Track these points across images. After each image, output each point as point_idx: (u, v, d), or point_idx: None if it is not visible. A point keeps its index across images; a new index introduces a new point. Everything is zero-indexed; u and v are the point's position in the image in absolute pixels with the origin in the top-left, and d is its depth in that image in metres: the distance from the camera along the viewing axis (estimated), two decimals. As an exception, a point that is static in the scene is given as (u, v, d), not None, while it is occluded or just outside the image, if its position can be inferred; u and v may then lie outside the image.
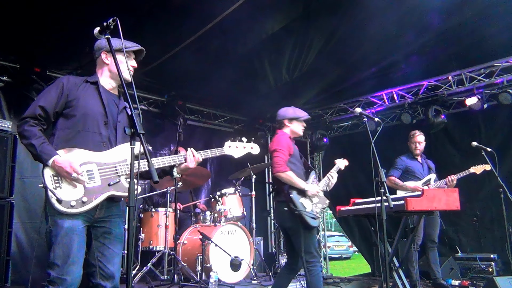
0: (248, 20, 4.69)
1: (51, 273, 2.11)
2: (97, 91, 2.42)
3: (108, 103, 2.42)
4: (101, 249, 2.29)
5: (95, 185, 2.24)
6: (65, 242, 2.14)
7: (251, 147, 2.75)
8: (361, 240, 7.90)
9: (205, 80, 6.18)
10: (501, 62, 5.77)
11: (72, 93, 2.33)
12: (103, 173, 2.28)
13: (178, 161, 2.49)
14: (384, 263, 3.29)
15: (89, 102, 2.35)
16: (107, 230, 2.33)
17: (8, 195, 4.36)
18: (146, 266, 4.97)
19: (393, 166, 5.24)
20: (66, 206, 2.14)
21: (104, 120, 2.37)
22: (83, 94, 2.36)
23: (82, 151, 2.27)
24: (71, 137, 2.28)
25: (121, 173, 2.31)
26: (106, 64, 2.48)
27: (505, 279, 3.94)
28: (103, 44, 2.45)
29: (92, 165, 2.26)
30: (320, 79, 6.39)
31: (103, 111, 2.38)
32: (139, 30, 4.48)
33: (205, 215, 5.63)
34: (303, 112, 3.78)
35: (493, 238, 6.06)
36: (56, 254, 2.12)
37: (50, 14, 4.23)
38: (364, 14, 4.68)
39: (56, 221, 2.16)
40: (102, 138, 2.35)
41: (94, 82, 2.44)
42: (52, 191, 2.14)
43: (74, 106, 2.31)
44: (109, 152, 2.34)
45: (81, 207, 2.18)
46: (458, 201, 3.45)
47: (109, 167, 2.30)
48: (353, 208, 4.11)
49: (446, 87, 6.31)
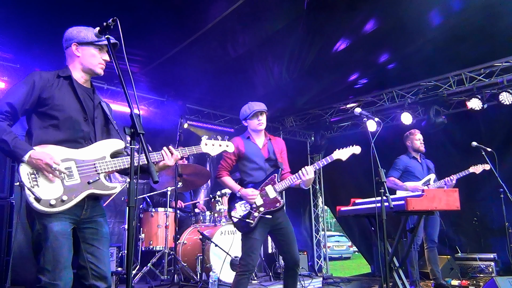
0: (248, 20, 4.69)
1: (42, 279, 2.06)
2: (71, 86, 2.33)
3: (84, 98, 2.34)
4: (90, 250, 2.24)
5: (74, 183, 2.17)
6: (55, 246, 2.08)
7: (226, 145, 2.78)
8: (361, 240, 7.91)
9: (205, 80, 6.18)
10: (501, 62, 5.77)
11: (45, 91, 2.23)
12: (82, 171, 2.21)
13: (157, 158, 2.43)
14: (384, 263, 3.28)
15: (65, 100, 2.27)
16: (93, 231, 2.28)
17: (8, 195, 4.36)
18: (146, 266, 4.98)
19: (393, 167, 5.22)
20: (45, 205, 2.06)
21: (84, 116, 2.31)
22: (57, 91, 2.26)
23: (58, 148, 2.19)
24: (53, 137, 2.21)
25: (100, 170, 2.25)
26: (77, 57, 2.37)
27: (505, 279, 3.93)
28: (73, 34, 2.36)
29: (71, 162, 2.19)
30: (320, 79, 6.39)
31: (80, 107, 2.30)
32: (139, 29, 4.48)
33: (205, 215, 5.63)
34: (252, 107, 3.56)
35: (493, 238, 6.06)
36: (47, 259, 2.06)
37: (50, 14, 4.23)
38: (364, 13, 4.68)
39: (45, 225, 2.09)
40: (84, 134, 2.29)
41: (67, 76, 2.35)
42: (30, 189, 2.05)
43: (50, 105, 2.22)
44: (87, 149, 2.28)
45: (61, 206, 2.10)
46: (458, 201, 3.45)
47: (87, 164, 2.23)
48: (353, 208, 4.11)
49: (446, 87, 6.31)
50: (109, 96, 6.18)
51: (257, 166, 3.54)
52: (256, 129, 3.60)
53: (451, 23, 4.79)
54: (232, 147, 2.82)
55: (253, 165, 3.54)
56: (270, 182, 3.49)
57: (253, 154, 3.55)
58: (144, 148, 1.95)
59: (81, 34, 2.36)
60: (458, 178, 4.94)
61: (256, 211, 3.38)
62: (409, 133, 5.34)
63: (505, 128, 6.19)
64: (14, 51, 5.04)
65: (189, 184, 5.69)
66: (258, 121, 3.56)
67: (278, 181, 3.49)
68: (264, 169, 3.54)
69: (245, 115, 3.60)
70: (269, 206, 3.41)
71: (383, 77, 6.38)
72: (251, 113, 3.54)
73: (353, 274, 7.85)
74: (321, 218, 8.51)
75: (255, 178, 3.52)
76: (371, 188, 3.23)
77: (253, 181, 3.52)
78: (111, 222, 5.90)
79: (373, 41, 5.22)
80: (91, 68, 2.39)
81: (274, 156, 3.60)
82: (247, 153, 3.54)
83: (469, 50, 5.43)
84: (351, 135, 7.89)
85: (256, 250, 3.37)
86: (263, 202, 3.42)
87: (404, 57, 5.68)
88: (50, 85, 2.26)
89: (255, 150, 3.57)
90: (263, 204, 3.41)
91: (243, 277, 3.30)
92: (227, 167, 3.59)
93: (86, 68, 2.39)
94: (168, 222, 5.28)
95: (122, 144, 2.41)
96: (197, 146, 2.64)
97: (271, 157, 3.59)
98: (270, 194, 3.45)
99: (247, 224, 3.36)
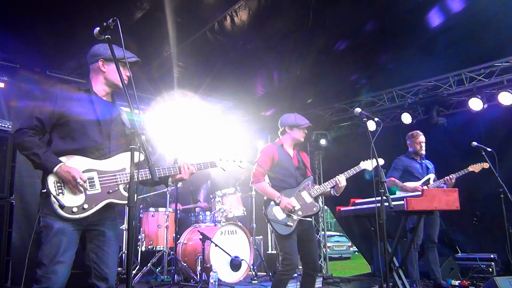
0: (249, 20, 4.69)
1: (38, 272, 2.17)
2: (89, 99, 2.46)
3: (102, 111, 2.47)
4: (95, 251, 2.35)
5: (95, 192, 2.32)
6: (53, 242, 2.20)
7: (240, 161, 2.91)
8: (361, 240, 7.90)
9: (205, 80, 6.18)
10: (501, 62, 5.77)
11: (65, 105, 2.37)
12: (104, 181, 2.36)
13: (173, 172, 2.58)
14: (384, 263, 3.28)
15: (82, 112, 2.40)
16: (100, 232, 2.39)
17: (8, 195, 4.36)
18: (146, 266, 4.98)
19: (393, 167, 5.21)
20: (68, 211, 2.22)
21: (99, 128, 2.43)
22: (75, 104, 2.40)
23: (83, 159, 2.34)
24: (69, 146, 2.34)
25: (120, 181, 2.39)
26: (102, 72, 2.51)
27: (505, 279, 3.94)
28: (100, 51, 2.50)
29: (93, 173, 2.35)
30: (320, 79, 6.39)
31: (96, 119, 2.43)
32: (139, 29, 4.49)
33: (205, 215, 5.63)
34: (304, 120, 3.84)
35: (493, 238, 6.05)
36: (44, 253, 2.19)
37: (50, 14, 4.23)
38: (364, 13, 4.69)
39: (48, 222, 2.23)
40: (98, 146, 2.40)
41: (87, 89, 2.49)
42: (56, 197, 2.22)
43: (68, 117, 2.35)
44: (109, 160, 2.42)
45: (82, 213, 2.26)
46: (458, 201, 3.44)
47: (109, 175, 2.38)
48: (353, 208, 4.11)
49: (446, 87, 6.31)
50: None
51: (289, 173, 3.72)
52: (300, 140, 3.82)
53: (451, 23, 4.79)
54: (246, 164, 2.95)
55: (285, 172, 3.72)
56: (305, 188, 3.69)
57: (286, 161, 3.76)
58: (145, 148, 2.01)
59: (108, 52, 2.43)
60: (458, 177, 4.94)
61: (295, 215, 3.54)
62: (411, 135, 5.33)
63: (505, 128, 6.18)
64: (14, 51, 5.04)
65: (189, 183, 5.69)
66: (304, 134, 3.83)
67: (312, 187, 3.69)
68: (295, 176, 3.73)
69: (292, 123, 3.80)
70: (308, 210, 3.60)
71: (383, 77, 6.38)
72: (305, 125, 3.78)
73: (353, 274, 7.85)
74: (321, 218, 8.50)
75: (288, 184, 3.70)
76: (371, 188, 3.23)
77: (286, 187, 3.68)
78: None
79: (373, 41, 5.23)
80: (115, 83, 2.53)
81: (303, 166, 3.85)
82: (281, 160, 3.74)
83: (469, 50, 5.44)
84: (351, 135, 7.89)
85: (297, 249, 3.55)
86: (301, 206, 3.59)
87: (404, 57, 5.68)
88: (69, 99, 2.41)
89: (287, 158, 3.78)
90: (301, 208, 3.58)
91: (286, 276, 3.47)
92: (263, 173, 3.74)
93: (110, 82, 2.53)
94: (168, 222, 5.28)
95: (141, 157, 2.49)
96: (211, 162, 2.80)
97: (301, 166, 3.82)
98: (306, 199, 3.65)
99: (287, 227, 3.50)
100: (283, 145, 3.83)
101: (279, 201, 3.57)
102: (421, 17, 4.77)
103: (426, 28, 5.02)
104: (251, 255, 5.31)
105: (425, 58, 5.63)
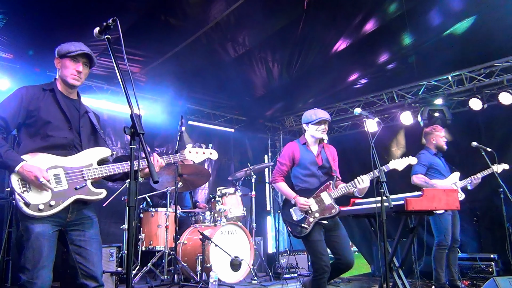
0: (248, 20, 4.69)
1: (22, 277, 2.16)
2: (54, 98, 2.45)
3: (68, 108, 2.47)
4: (78, 252, 2.34)
5: (62, 189, 2.30)
6: (35, 246, 2.19)
7: (210, 153, 2.89)
8: (361, 240, 7.89)
9: (205, 80, 6.18)
10: (501, 62, 5.77)
11: (32, 104, 2.36)
12: (70, 177, 2.34)
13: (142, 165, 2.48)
14: (384, 263, 3.28)
15: (50, 110, 2.40)
16: (80, 233, 2.38)
17: (8, 195, 4.36)
18: (146, 266, 4.97)
19: (418, 163, 4.53)
20: (34, 209, 2.20)
21: (68, 126, 2.43)
22: (43, 103, 2.40)
23: (48, 156, 2.33)
24: (39, 145, 2.33)
25: (87, 177, 2.38)
26: (58, 69, 2.52)
27: (505, 279, 3.93)
28: (58, 50, 2.49)
29: (59, 169, 2.33)
30: (320, 79, 6.39)
31: (63, 117, 2.43)
32: (139, 30, 4.48)
33: (205, 215, 5.63)
34: (318, 114, 3.61)
35: (493, 238, 6.05)
36: (27, 258, 2.18)
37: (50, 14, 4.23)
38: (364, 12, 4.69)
39: (27, 226, 2.21)
40: (68, 142, 2.41)
41: (51, 89, 2.48)
42: (20, 194, 2.20)
43: (36, 116, 2.35)
44: (75, 156, 2.41)
45: (49, 210, 2.24)
46: (458, 201, 3.44)
47: (75, 171, 2.37)
48: (353, 208, 4.09)
49: (446, 87, 6.31)
50: (109, 96, 6.18)
51: (310, 173, 3.61)
52: (316, 136, 3.66)
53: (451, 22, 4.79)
54: (216, 155, 2.91)
55: (306, 172, 3.61)
56: (326, 189, 3.56)
57: (308, 160, 3.63)
58: (144, 148, 1.99)
59: (62, 48, 2.48)
60: (483, 176, 4.79)
61: (311, 217, 3.45)
62: (433, 129, 5.05)
63: (505, 128, 6.18)
64: (14, 52, 5.04)
65: (189, 184, 5.68)
66: (321, 130, 3.62)
67: (333, 188, 3.55)
68: (317, 176, 3.61)
69: (309, 120, 3.65)
70: (325, 212, 3.48)
71: (383, 77, 6.38)
72: (316, 120, 3.59)
73: (353, 274, 7.83)
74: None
75: (309, 184, 3.60)
76: (371, 188, 3.23)
77: (307, 188, 3.59)
78: (106, 223, 5.87)
79: (373, 41, 5.23)
80: (64, 79, 2.49)
81: (328, 163, 3.67)
82: (302, 159, 3.63)
83: (469, 50, 5.43)
84: (351, 135, 7.89)
85: (325, 250, 3.43)
86: (318, 208, 3.49)
87: (404, 57, 5.68)
88: (36, 98, 2.40)
89: (310, 157, 3.64)
90: (318, 210, 3.48)
91: (321, 280, 3.36)
92: (282, 173, 3.67)
93: (63, 79, 2.50)
94: (168, 222, 5.28)
95: (108, 152, 2.55)
96: (181, 154, 2.76)
97: (325, 165, 3.65)
98: (325, 200, 3.52)
99: (302, 229, 3.43)
100: (306, 143, 3.70)
101: (294, 202, 3.50)
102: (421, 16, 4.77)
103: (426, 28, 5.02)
104: (251, 255, 5.30)
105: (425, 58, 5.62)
